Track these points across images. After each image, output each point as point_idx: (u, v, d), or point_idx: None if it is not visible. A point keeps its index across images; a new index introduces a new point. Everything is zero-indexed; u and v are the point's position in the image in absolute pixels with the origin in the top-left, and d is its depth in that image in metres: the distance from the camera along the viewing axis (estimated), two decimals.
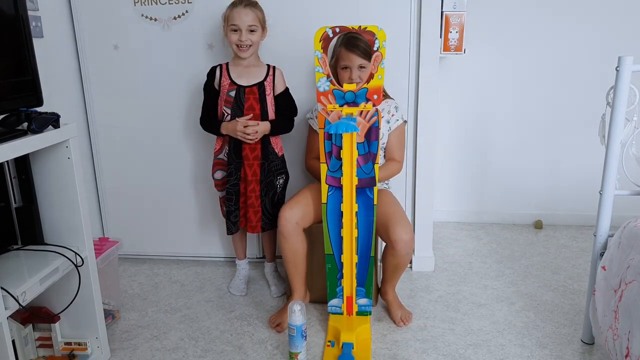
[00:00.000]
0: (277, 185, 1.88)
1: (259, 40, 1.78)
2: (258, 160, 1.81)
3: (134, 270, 2.25)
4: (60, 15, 2.06)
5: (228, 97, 1.79)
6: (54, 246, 1.43)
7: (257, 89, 1.78)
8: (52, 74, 1.93)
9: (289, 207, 1.69)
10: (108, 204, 2.30)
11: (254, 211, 1.83)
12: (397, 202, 1.79)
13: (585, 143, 2.48)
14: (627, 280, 1.28)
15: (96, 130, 2.22)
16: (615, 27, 2.39)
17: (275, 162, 1.87)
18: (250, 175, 1.81)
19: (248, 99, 1.77)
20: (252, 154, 1.80)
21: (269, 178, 1.84)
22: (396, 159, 1.84)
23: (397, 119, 1.82)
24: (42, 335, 1.52)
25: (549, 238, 2.50)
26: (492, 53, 2.49)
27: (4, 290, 1.17)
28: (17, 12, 1.29)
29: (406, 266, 1.75)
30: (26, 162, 1.40)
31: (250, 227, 1.85)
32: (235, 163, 1.81)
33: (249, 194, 1.82)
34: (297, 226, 1.68)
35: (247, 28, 1.72)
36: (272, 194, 1.86)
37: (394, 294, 1.82)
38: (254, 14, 1.73)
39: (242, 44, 1.73)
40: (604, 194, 1.50)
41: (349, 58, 1.66)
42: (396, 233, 1.62)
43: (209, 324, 1.80)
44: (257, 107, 1.78)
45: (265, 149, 1.82)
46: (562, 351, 1.59)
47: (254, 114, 1.78)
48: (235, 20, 1.71)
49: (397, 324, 1.76)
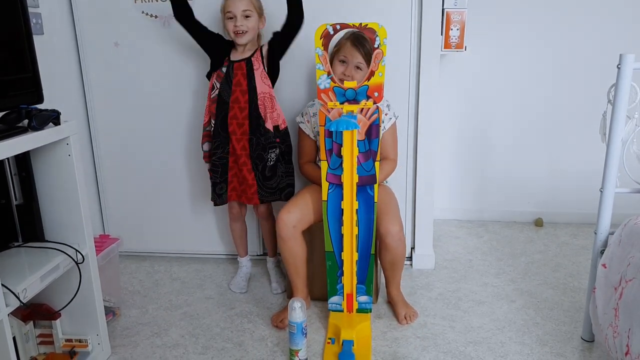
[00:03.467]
0: (267, 158, 1.83)
1: (255, 26, 1.77)
2: (247, 135, 1.80)
3: (134, 267, 2.25)
4: (61, 12, 2.06)
5: (219, 72, 1.80)
6: (54, 243, 1.43)
7: (245, 65, 1.78)
8: (53, 71, 1.92)
9: (287, 211, 1.69)
10: (108, 201, 2.30)
11: (248, 185, 1.84)
12: (390, 196, 1.79)
13: (586, 141, 2.48)
14: (628, 278, 1.28)
15: (96, 127, 2.22)
16: (617, 25, 2.38)
17: (266, 136, 1.81)
18: (239, 150, 1.81)
19: (236, 74, 1.78)
20: (239, 130, 1.80)
21: (257, 152, 1.82)
22: (390, 157, 1.84)
23: (390, 117, 1.82)
24: (43, 332, 1.52)
25: (550, 236, 2.50)
26: (493, 50, 2.49)
27: (5, 287, 1.18)
28: (17, 9, 1.29)
29: (403, 261, 1.75)
30: (27, 159, 1.40)
31: (246, 198, 1.87)
32: (221, 137, 1.82)
33: (240, 166, 1.83)
34: (295, 229, 1.68)
35: (242, 14, 1.72)
36: (262, 167, 1.83)
37: (398, 292, 1.82)
38: (248, 0, 1.73)
39: (238, 29, 1.73)
40: (604, 192, 1.50)
41: (350, 52, 1.65)
42: (384, 226, 1.63)
43: (210, 321, 1.80)
44: (244, 82, 1.78)
45: (256, 124, 1.79)
46: (562, 349, 1.59)
47: (241, 89, 1.78)
48: (230, 7, 1.73)
49: (400, 322, 1.76)
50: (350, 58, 1.66)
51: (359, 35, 1.65)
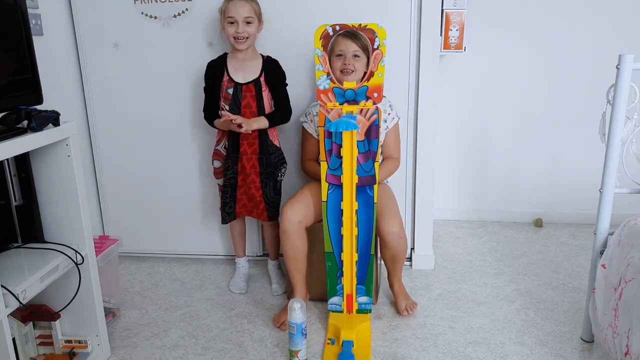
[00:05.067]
0: (277, 174, 1.91)
1: (255, 32, 1.79)
2: (256, 154, 1.84)
3: (134, 268, 2.25)
4: (60, 13, 2.06)
5: (226, 94, 1.80)
6: (54, 244, 1.43)
7: (254, 87, 1.79)
8: (52, 72, 1.92)
9: (291, 206, 1.70)
10: (108, 202, 2.30)
11: (256, 202, 1.88)
12: (390, 195, 1.80)
13: (586, 141, 2.49)
14: (627, 279, 1.28)
15: (96, 128, 2.21)
16: (616, 25, 2.38)
17: (275, 155, 1.89)
18: (249, 168, 1.84)
19: (245, 96, 1.79)
20: (250, 149, 1.83)
21: (269, 169, 1.87)
22: (394, 156, 1.86)
23: (393, 117, 1.83)
24: (42, 333, 1.52)
25: (549, 236, 2.50)
26: (493, 51, 2.49)
27: (5, 288, 1.18)
28: (17, 10, 1.29)
29: (404, 256, 1.77)
30: (26, 160, 1.40)
31: (257, 214, 1.91)
32: (232, 157, 1.84)
33: (249, 184, 1.86)
34: (300, 225, 1.69)
35: (244, 20, 1.73)
36: (273, 184, 1.89)
37: (400, 285, 1.85)
38: (250, 6, 1.74)
39: (239, 35, 1.74)
40: (604, 192, 1.50)
41: (344, 43, 1.65)
42: (384, 225, 1.65)
43: (209, 322, 1.80)
44: (253, 104, 1.80)
45: (264, 143, 1.84)
46: (562, 349, 1.59)
47: (251, 111, 1.80)
48: (232, 12, 1.73)
49: (401, 314, 1.78)
50: (346, 49, 1.65)
51: (351, 30, 1.64)
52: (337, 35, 1.67)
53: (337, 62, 1.67)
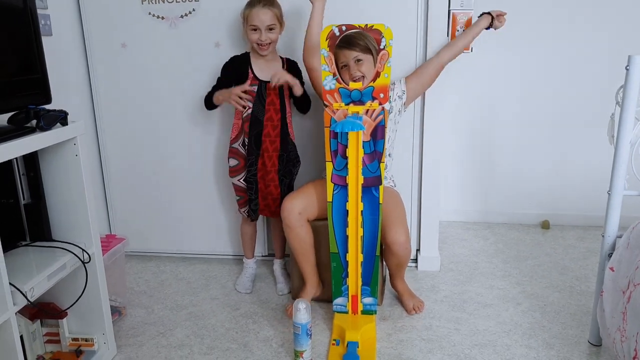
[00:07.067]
0: (294, 172, 1.95)
1: (277, 37, 1.81)
2: (277, 152, 1.86)
3: (140, 267, 2.26)
4: (69, 14, 2.08)
5: (251, 92, 1.81)
6: (61, 243, 1.44)
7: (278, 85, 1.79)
8: (61, 71, 1.94)
9: (291, 198, 1.72)
10: (115, 201, 2.32)
11: (273, 199, 1.91)
12: (398, 203, 1.78)
13: (594, 143, 2.46)
14: (636, 282, 1.27)
15: (104, 127, 2.23)
16: (625, 26, 2.36)
17: (293, 151, 1.92)
18: (270, 166, 1.87)
19: (269, 94, 1.81)
20: (271, 147, 1.86)
21: (288, 167, 1.90)
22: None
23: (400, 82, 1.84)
24: (49, 330, 1.53)
25: (556, 238, 2.48)
26: (500, 52, 2.47)
27: (13, 286, 1.18)
28: (26, 10, 1.30)
29: (408, 261, 1.77)
30: (35, 159, 1.41)
31: (270, 212, 1.95)
32: (255, 154, 1.86)
33: (268, 182, 1.89)
34: (300, 216, 1.70)
35: (267, 27, 1.75)
36: (289, 182, 1.93)
37: (404, 284, 1.85)
38: (272, 13, 1.75)
39: (262, 42, 1.76)
40: (612, 194, 1.48)
41: (343, 54, 1.64)
42: (391, 235, 1.64)
43: (215, 322, 1.80)
44: (277, 102, 1.83)
45: (285, 141, 1.87)
46: (569, 352, 1.58)
47: (275, 109, 1.83)
48: (255, 20, 1.74)
49: (409, 313, 1.79)
50: (346, 59, 1.63)
51: (344, 36, 1.60)
52: (335, 48, 1.66)
53: (345, 75, 1.65)
